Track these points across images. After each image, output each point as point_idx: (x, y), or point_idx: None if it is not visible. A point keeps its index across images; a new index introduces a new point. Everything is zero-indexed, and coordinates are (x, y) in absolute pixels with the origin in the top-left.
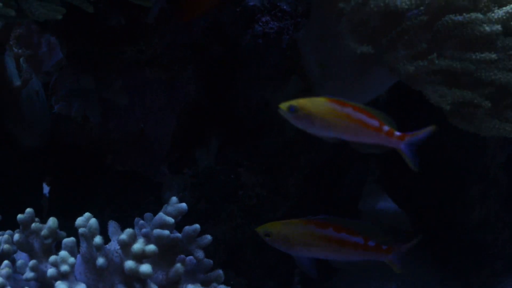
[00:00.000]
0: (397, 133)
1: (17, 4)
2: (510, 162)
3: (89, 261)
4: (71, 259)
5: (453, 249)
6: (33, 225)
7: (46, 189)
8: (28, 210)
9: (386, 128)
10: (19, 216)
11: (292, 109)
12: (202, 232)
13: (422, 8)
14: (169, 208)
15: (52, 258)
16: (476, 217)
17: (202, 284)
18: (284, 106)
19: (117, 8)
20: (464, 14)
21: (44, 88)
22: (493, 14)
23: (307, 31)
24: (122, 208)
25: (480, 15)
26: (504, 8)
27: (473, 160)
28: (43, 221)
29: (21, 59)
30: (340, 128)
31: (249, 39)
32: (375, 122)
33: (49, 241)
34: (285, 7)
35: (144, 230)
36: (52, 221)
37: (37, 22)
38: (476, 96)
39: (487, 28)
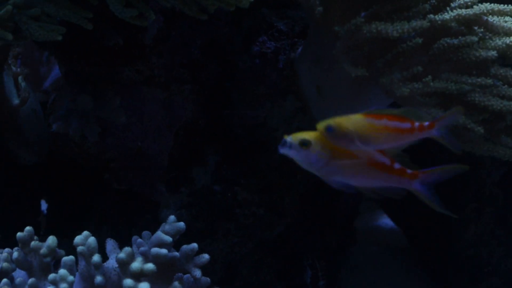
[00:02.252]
0: (426, 123)
1: (15, 25)
2: (505, 179)
3: (87, 279)
4: (70, 278)
5: (449, 266)
6: (32, 243)
7: (44, 206)
8: (28, 228)
9: (417, 124)
10: (19, 234)
11: (330, 129)
12: (199, 250)
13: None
14: (167, 226)
15: (51, 276)
16: (471, 234)
17: None
18: (321, 126)
19: (115, 29)
20: (460, 37)
21: (42, 107)
22: (491, 41)
23: (303, 51)
24: (120, 226)
25: (475, 38)
26: (504, 38)
27: (468, 177)
28: (41, 238)
29: (19, 78)
30: (379, 140)
31: (246, 58)
32: (407, 125)
33: (48, 259)
34: (282, 27)
35: (142, 248)
36: (51, 239)
37: (36, 42)
38: (469, 122)
39: (483, 54)
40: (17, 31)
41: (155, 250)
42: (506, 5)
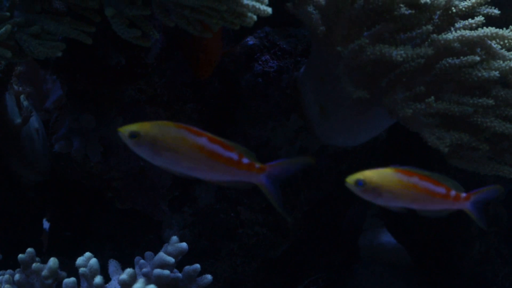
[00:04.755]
0: (463, 195)
1: (16, 44)
2: (510, 198)
3: None
4: None
5: (454, 284)
6: (34, 265)
7: (46, 224)
8: (29, 250)
9: (453, 193)
10: (20, 256)
11: (360, 183)
12: (202, 270)
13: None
14: (170, 247)
15: None
16: (476, 253)
17: None
18: (351, 180)
19: (117, 48)
20: (461, 57)
21: (44, 126)
22: (494, 62)
23: (306, 71)
24: (122, 245)
25: (477, 58)
26: (507, 61)
27: None
28: (43, 257)
29: (21, 97)
30: (408, 198)
31: (249, 77)
32: (441, 189)
33: (49, 281)
34: (284, 46)
35: (144, 269)
36: (52, 261)
37: (38, 60)
38: (474, 140)
39: (485, 74)
40: (17, 50)
41: (157, 271)
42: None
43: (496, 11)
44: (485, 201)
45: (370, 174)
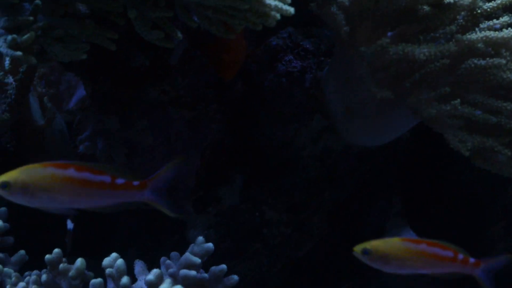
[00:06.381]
0: (472, 260)
1: (41, 48)
2: None
3: None
4: None
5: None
6: (61, 265)
7: (70, 225)
8: (56, 250)
9: (461, 256)
10: (47, 256)
11: (366, 252)
12: (227, 270)
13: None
14: (196, 248)
15: None
16: (500, 251)
17: None
18: (358, 249)
19: (141, 49)
20: (488, 58)
21: (67, 127)
22: None
23: (330, 70)
24: (147, 246)
25: (503, 61)
26: None
27: (495, 196)
28: (67, 258)
29: (44, 98)
30: (416, 264)
31: (272, 78)
32: (449, 253)
33: (76, 282)
34: (308, 46)
35: (170, 270)
36: (80, 262)
37: (62, 63)
38: (496, 144)
39: (510, 76)
40: (42, 54)
41: (184, 271)
42: None
43: None
44: (496, 270)
45: (377, 244)
